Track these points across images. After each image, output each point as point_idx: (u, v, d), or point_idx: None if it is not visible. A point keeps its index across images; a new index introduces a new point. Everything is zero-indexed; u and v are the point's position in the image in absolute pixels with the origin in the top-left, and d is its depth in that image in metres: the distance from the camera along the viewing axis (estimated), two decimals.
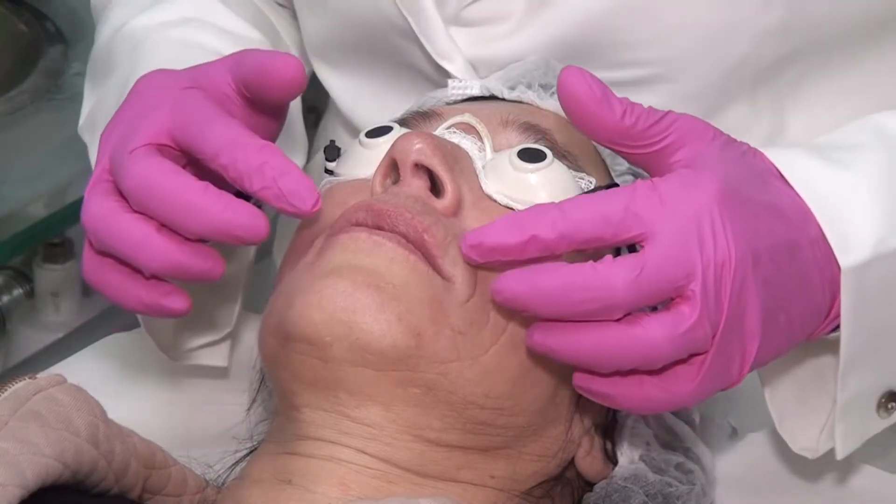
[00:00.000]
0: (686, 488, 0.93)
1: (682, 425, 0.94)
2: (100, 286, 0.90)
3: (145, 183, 0.85)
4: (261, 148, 0.84)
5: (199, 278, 0.87)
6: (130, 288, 0.88)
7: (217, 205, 0.84)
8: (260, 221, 0.84)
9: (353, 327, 0.83)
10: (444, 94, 1.03)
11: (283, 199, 0.84)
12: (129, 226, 0.86)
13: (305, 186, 0.84)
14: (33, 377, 0.86)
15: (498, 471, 0.88)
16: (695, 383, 0.82)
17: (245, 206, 0.84)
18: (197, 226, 0.84)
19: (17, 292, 1.76)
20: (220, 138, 0.85)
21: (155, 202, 0.85)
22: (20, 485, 0.77)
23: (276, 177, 0.84)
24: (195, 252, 0.86)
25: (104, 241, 0.87)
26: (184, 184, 0.85)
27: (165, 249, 0.85)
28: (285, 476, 0.86)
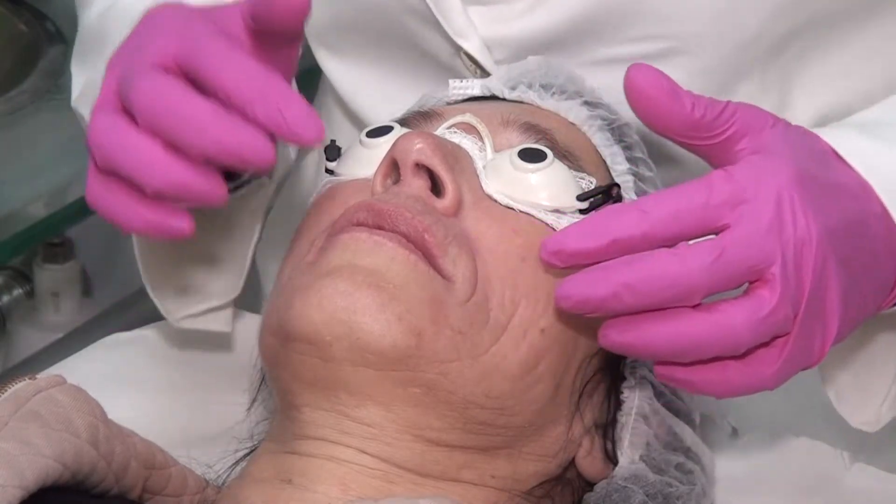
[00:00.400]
0: (686, 488, 0.93)
1: (682, 425, 0.94)
2: (103, 207, 0.88)
3: (155, 98, 0.84)
4: (266, 77, 0.83)
5: (202, 200, 0.84)
6: (134, 207, 0.86)
7: (226, 123, 0.82)
8: (268, 145, 0.82)
9: (353, 327, 0.83)
10: (444, 93, 1.03)
11: (287, 127, 0.82)
12: (135, 142, 0.84)
13: (310, 116, 0.82)
14: (33, 378, 0.86)
15: (498, 471, 0.88)
16: (777, 365, 0.83)
17: (254, 130, 0.82)
18: (205, 144, 0.82)
19: (17, 292, 1.76)
20: (225, 65, 0.84)
21: (164, 118, 0.83)
22: (20, 485, 0.77)
23: (280, 106, 0.82)
24: (199, 172, 0.84)
25: (109, 157, 0.86)
26: (193, 101, 0.83)
27: (170, 167, 0.83)
28: (285, 476, 0.86)
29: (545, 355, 0.87)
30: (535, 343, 0.87)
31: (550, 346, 0.87)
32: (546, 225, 0.89)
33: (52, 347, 1.73)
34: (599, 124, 0.98)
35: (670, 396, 0.94)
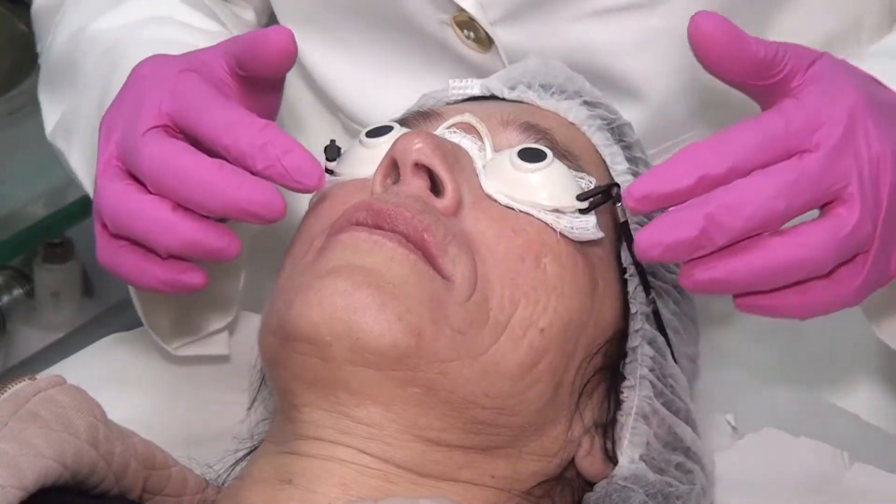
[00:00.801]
0: (686, 488, 0.93)
1: (682, 425, 0.94)
2: (117, 269, 0.91)
3: (162, 162, 0.86)
4: (262, 127, 0.85)
5: (216, 256, 0.87)
6: (148, 268, 0.89)
7: (234, 181, 0.85)
8: (277, 198, 0.84)
9: (353, 327, 0.83)
10: (444, 93, 1.03)
11: (288, 176, 0.84)
12: (146, 206, 0.87)
13: (309, 162, 0.85)
14: (33, 378, 0.86)
15: (498, 470, 0.88)
16: (860, 280, 0.84)
17: (262, 183, 0.84)
18: (214, 203, 0.85)
19: (17, 292, 1.77)
20: (220, 120, 0.86)
21: (172, 180, 0.86)
22: (20, 486, 0.77)
23: (279, 155, 0.84)
24: (212, 230, 0.87)
25: (121, 223, 0.88)
26: (200, 162, 0.86)
27: (182, 227, 0.86)
28: (285, 476, 0.86)
29: (545, 355, 0.87)
30: (535, 343, 0.87)
31: (550, 346, 0.87)
32: (546, 225, 0.89)
33: (52, 347, 1.73)
34: (599, 124, 0.98)
35: (670, 396, 0.94)
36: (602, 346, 0.91)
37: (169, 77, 0.90)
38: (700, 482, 0.94)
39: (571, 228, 0.90)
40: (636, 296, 0.93)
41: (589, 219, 0.90)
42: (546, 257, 0.88)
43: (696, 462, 0.95)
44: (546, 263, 0.88)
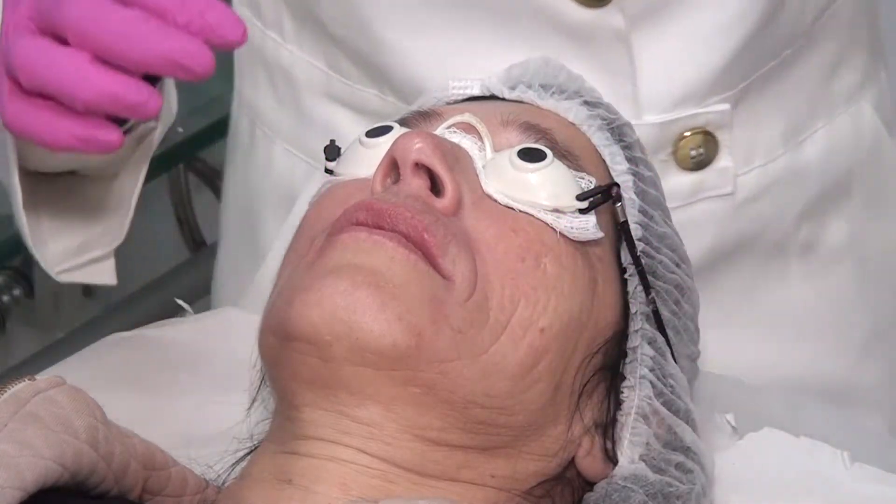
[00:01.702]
0: (686, 488, 0.93)
1: (682, 425, 0.94)
2: (28, 128, 0.88)
3: (85, 11, 0.84)
4: None
5: (135, 111, 0.85)
6: (62, 123, 0.86)
7: (161, 31, 0.82)
8: (205, 50, 0.82)
9: (353, 327, 0.83)
10: (444, 93, 1.03)
11: (210, 30, 0.82)
12: (62, 57, 0.85)
13: (231, 17, 0.83)
14: (33, 379, 0.86)
15: (498, 470, 0.88)
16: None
17: (189, 36, 0.82)
18: (139, 52, 0.82)
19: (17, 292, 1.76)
20: None
21: (95, 30, 0.83)
22: (19, 487, 0.77)
23: (201, 9, 0.82)
24: (132, 82, 0.84)
25: (36, 75, 0.85)
26: (125, 12, 0.83)
27: (101, 78, 0.84)
28: (285, 476, 0.86)
29: (544, 355, 0.87)
30: (535, 342, 0.87)
31: (550, 346, 0.87)
32: (545, 224, 0.89)
33: (52, 347, 1.72)
34: (599, 124, 0.98)
35: (670, 396, 0.94)
36: (602, 346, 0.91)
37: None
38: (700, 482, 0.94)
39: (571, 228, 0.90)
40: (636, 296, 0.93)
41: (589, 218, 0.90)
42: (546, 257, 0.88)
43: (696, 462, 0.94)
44: (546, 263, 0.88)
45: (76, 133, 0.86)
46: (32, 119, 0.87)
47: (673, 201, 1.13)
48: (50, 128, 0.87)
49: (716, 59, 1.13)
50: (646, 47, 1.12)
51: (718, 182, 1.17)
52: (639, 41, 1.11)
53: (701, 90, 1.14)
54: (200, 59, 0.82)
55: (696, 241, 1.15)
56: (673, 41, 1.12)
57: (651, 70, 1.12)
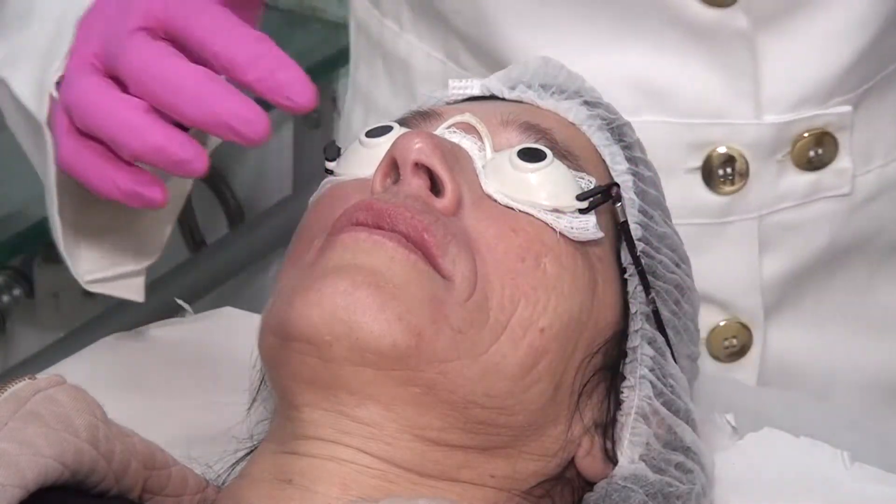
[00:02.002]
0: (686, 488, 0.93)
1: (682, 425, 0.94)
2: (78, 169, 0.87)
3: (148, 61, 0.83)
4: (258, 38, 0.83)
5: (181, 168, 0.84)
6: (111, 172, 0.86)
7: (222, 91, 0.82)
8: (263, 118, 0.81)
9: (353, 327, 0.83)
10: (444, 93, 1.03)
11: (279, 91, 0.82)
12: (119, 104, 0.84)
13: (303, 80, 0.82)
14: (33, 378, 0.86)
15: (498, 470, 0.88)
16: None
17: (249, 100, 0.82)
18: (196, 110, 0.82)
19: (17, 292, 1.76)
20: (213, 25, 0.83)
21: (155, 82, 0.83)
22: (20, 485, 0.77)
23: (273, 68, 0.82)
24: (183, 138, 0.84)
25: (90, 117, 0.85)
26: (188, 66, 0.83)
27: (153, 130, 0.83)
28: (285, 476, 0.86)
29: (544, 355, 0.87)
30: (535, 342, 0.87)
31: (549, 346, 0.87)
32: (545, 224, 0.89)
33: (52, 347, 1.73)
34: (599, 124, 0.98)
35: (670, 396, 0.94)
36: (602, 346, 0.91)
37: None
38: (700, 482, 0.94)
39: (571, 228, 0.90)
40: (636, 295, 0.93)
41: (589, 218, 0.90)
42: (546, 257, 0.88)
43: (696, 462, 0.94)
44: (546, 263, 0.88)
45: (121, 185, 0.86)
46: (83, 161, 0.87)
47: (789, 200, 1.15)
48: (98, 174, 0.86)
49: (839, 62, 1.13)
50: (770, 48, 1.12)
51: (836, 182, 1.17)
52: (763, 42, 1.12)
53: (823, 92, 1.14)
54: (256, 127, 0.82)
55: (811, 241, 1.17)
56: (797, 43, 1.13)
57: (774, 70, 1.13)
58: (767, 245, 1.17)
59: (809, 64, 1.13)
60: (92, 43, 0.88)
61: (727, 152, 1.14)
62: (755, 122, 1.13)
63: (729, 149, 1.14)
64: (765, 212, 1.16)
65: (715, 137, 1.14)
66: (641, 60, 1.08)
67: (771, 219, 1.16)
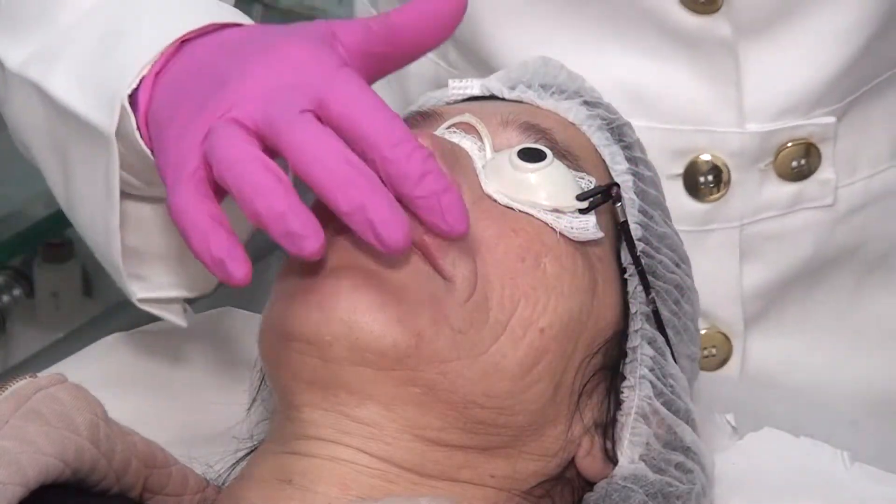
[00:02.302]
0: (686, 488, 0.93)
1: (682, 425, 0.94)
2: (186, 217, 0.83)
3: (314, 141, 0.81)
4: (427, 155, 0.81)
5: (290, 241, 0.80)
6: (210, 234, 0.81)
7: (373, 188, 0.80)
8: (404, 228, 0.79)
9: (353, 327, 0.83)
10: (444, 93, 1.03)
11: (440, 213, 0.81)
12: (261, 165, 0.81)
13: (462, 207, 0.81)
14: (34, 376, 0.86)
15: (498, 470, 0.88)
16: None
17: (395, 205, 0.80)
18: (343, 199, 0.80)
19: (17, 292, 1.76)
20: (386, 131, 0.81)
21: (315, 163, 0.80)
22: (21, 483, 0.77)
23: (438, 190, 0.81)
24: (305, 215, 0.80)
25: (229, 169, 0.81)
26: (351, 156, 0.81)
27: (280, 196, 0.79)
28: (286, 476, 0.86)
29: (544, 355, 0.87)
30: (535, 342, 0.87)
31: (549, 346, 0.87)
32: (545, 224, 0.89)
33: (52, 347, 1.73)
34: (599, 124, 0.98)
35: (670, 396, 0.94)
36: (602, 346, 0.91)
37: (329, 66, 0.84)
38: (700, 482, 0.94)
39: (571, 228, 0.90)
40: (636, 295, 0.93)
41: (589, 218, 0.90)
42: (546, 257, 0.88)
43: (696, 462, 0.94)
44: (546, 263, 0.88)
45: (212, 251, 0.81)
46: (194, 214, 0.82)
47: (771, 210, 1.15)
48: (201, 231, 0.82)
49: (824, 73, 1.13)
50: (753, 56, 1.12)
51: (819, 193, 1.17)
52: (746, 50, 1.12)
53: (807, 102, 1.14)
54: (395, 234, 0.79)
55: (794, 251, 1.16)
56: (781, 52, 1.13)
57: (757, 79, 1.13)
58: (749, 254, 1.17)
59: (793, 74, 1.13)
60: (246, 107, 0.83)
61: (710, 160, 1.14)
62: (738, 131, 1.13)
63: (712, 157, 1.14)
64: (746, 221, 1.16)
65: (698, 144, 1.14)
66: (627, 65, 1.08)
67: (753, 228, 1.16)
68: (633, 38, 1.12)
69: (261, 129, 0.82)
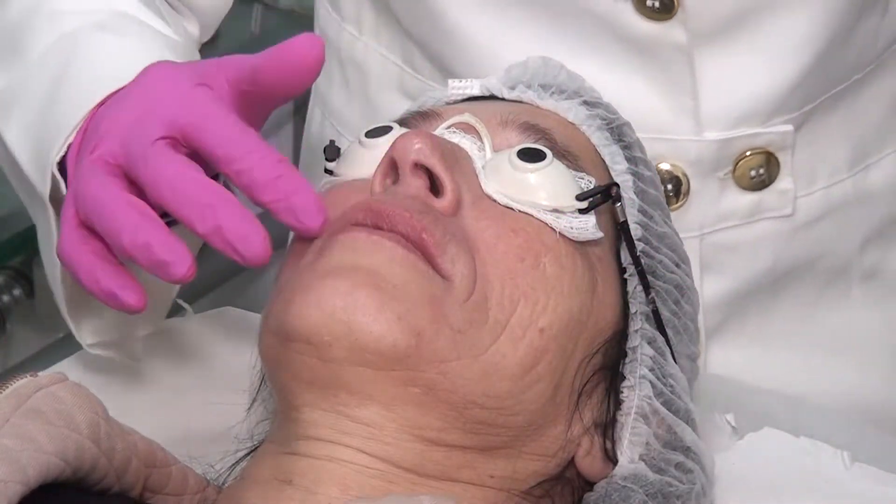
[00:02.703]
0: (686, 488, 0.93)
1: (681, 425, 0.94)
2: (72, 261, 0.90)
3: (166, 172, 0.87)
4: (279, 160, 0.86)
5: (159, 270, 0.86)
6: (97, 270, 0.89)
7: (236, 214, 0.85)
8: (262, 242, 0.85)
9: (352, 327, 0.83)
10: (443, 93, 1.03)
11: (293, 214, 0.86)
12: (122, 202, 0.87)
13: (317, 205, 0.86)
14: (35, 375, 0.86)
15: (497, 470, 0.88)
16: None
17: (258, 226, 0.85)
18: (202, 224, 0.85)
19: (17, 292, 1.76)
20: (235, 143, 0.87)
21: (170, 193, 0.86)
22: (21, 481, 0.77)
23: (289, 192, 0.85)
24: (170, 243, 0.86)
25: (92, 210, 0.88)
26: (203, 181, 0.86)
27: (144, 228, 0.86)
28: (286, 476, 0.86)
29: (544, 355, 0.87)
30: (534, 342, 0.87)
31: (549, 346, 0.87)
32: (545, 224, 0.89)
33: (52, 347, 1.72)
34: (598, 124, 0.98)
35: (670, 396, 0.94)
36: (601, 346, 0.91)
37: (183, 90, 0.90)
38: (700, 482, 0.94)
39: (571, 228, 0.90)
40: (636, 295, 0.94)
41: (588, 218, 0.90)
42: (545, 257, 0.88)
43: (696, 462, 0.94)
44: (545, 263, 0.88)
45: (103, 285, 0.89)
46: (78, 254, 0.90)
47: (731, 220, 1.15)
48: (87, 269, 0.90)
49: (780, 80, 1.13)
50: (709, 64, 1.12)
51: (778, 203, 1.17)
52: (701, 57, 1.12)
53: (764, 110, 1.14)
54: (254, 248, 0.85)
55: (754, 261, 1.17)
56: (737, 59, 1.13)
57: (713, 87, 1.13)
58: (709, 265, 1.17)
59: (750, 82, 1.13)
60: (108, 143, 0.90)
61: (670, 169, 1.14)
62: (696, 139, 1.13)
63: (672, 166, 1.14)
64: (706, 230, 1.16)
65: (657, 153, 1.13)
66: (583, 71, 1.08)
67: (712, 238, 1.16)
68: (589, 45, 1.13)
69: (121, 163, 0.89)
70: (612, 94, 1.04)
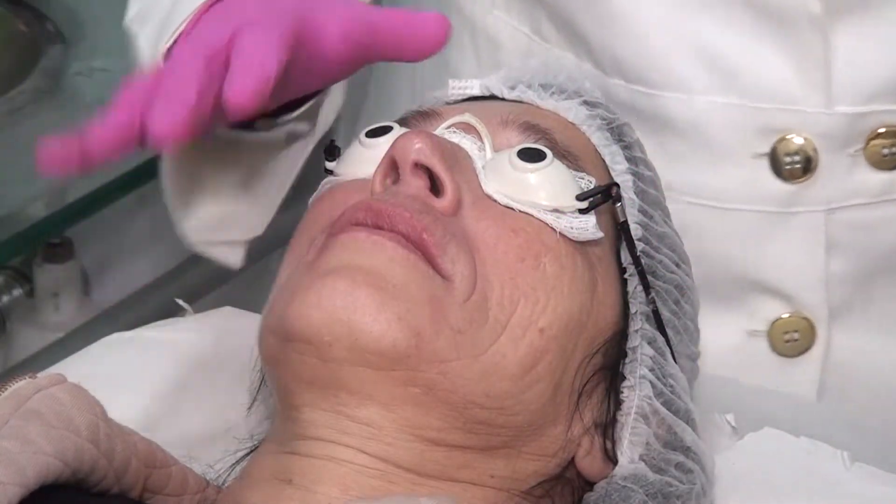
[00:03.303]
0: (686, 488, 0.93)
1: (682, 425, 0.94)
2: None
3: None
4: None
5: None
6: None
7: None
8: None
9: (352, 327, 0.83)
10: (443, 93, 1.03)
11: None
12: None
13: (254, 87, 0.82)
14: (34, 376, 0.86)
15: (497, 470, 0.88)
16: None
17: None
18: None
19: (17, 292, 1.76)
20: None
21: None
22: (20, 483, 0.77)
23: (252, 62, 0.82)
24: (180, 116, 0.82)
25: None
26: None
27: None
28: (285, 476, 0.86)
29: (544, 355, 0.87)
30: (534, 342, 0.87)
31: (549, 346, 0.87)
32: (545, 224, 0.89)
33: (52, 347, 1.72)
34: (599, 124, 0.98)
35: (670, 396, 0.94)
36: (602, 346, 0.91)
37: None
38: (700, 482, 0.94)
39: (571, 228, 0.90)
40: (636, 295, 0.94)
41: (588, 218, 0.90)
42: (545, 257, 0.88)
43: (696, 462, 0.95)
44: (545, 263, 0.88)
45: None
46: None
47: (859, 198, 1.12)
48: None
49: None
50: (843, 36, 1.10)
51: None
52: (836, 29, 1.10)
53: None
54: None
55: (882, 242, 1.14)
56: (873, 32, 1.11)
57: (847, 60, 1.11)
58: (835, 241, 1.14)
59: (885, 56, 1.11)
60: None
61: (797, 140, 1.12)
62: (826, 112, 1.11)
63: (804, 139, 1.12)
64: (834, 206, 1.13)
65: (785, 124, 1.11)
66: (712, 32, 1.06)
67: (840, 215, 1.13)
68: (722, 11, 1.11)
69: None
70: (740, 58, 1.03)
